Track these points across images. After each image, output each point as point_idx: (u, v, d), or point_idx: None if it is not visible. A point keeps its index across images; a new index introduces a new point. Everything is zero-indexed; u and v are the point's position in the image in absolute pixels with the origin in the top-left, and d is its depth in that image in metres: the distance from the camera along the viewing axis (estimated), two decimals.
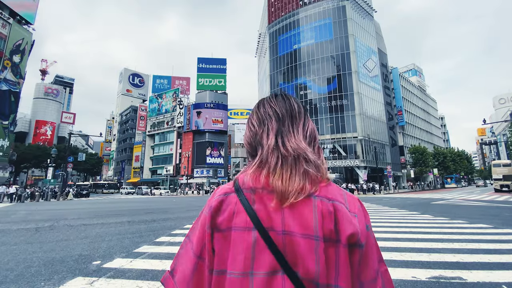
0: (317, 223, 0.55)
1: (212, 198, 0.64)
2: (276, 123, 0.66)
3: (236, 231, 0.58)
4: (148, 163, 66.30)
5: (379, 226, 7.43)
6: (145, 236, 6.35)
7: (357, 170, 43.19)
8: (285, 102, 0.70)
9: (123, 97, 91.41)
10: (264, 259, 0.55)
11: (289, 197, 0.57)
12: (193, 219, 9.10)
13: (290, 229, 0.55)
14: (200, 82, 64.39)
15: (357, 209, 0.61)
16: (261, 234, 0.56)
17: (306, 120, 0.70)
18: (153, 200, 24.50)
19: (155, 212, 11.87)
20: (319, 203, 0.58)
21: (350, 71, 46.95)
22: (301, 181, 0.58)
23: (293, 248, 0.54)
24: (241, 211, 0.59)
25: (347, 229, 0.55)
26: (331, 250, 0.55)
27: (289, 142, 0.63)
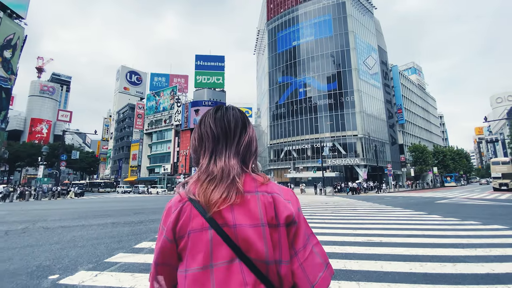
0: (262, 212, 0.69)
1: (169, 213, 0.73)
2: (211, 143, 0.78)
3: (194, 233, 0.68)
4: (145, 162, 65.45)
5: (386, 228, 6.74)
6: (125, 241, 5.62)
7: (357, 168, 42.56)
8: (223, 119, 0.79)
9: (120, 95, 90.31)
10: (221, 251, 0.66)
11: (212, 207, 0.69)
12: None
13: (240, 222, 0.67)
14: (198, 79, 63.50)
15: (290, 196, 0.76)
16: (216, 231, 0.67)
17: (242, 135, 0.80)
18: (148, 199, 23.76)
19: (145, 213, 11.13)
20: (262, 196, 0.71)
21: (350, 68, 46.23)
22: (224, 193, 0.70)
23: (244, 237, 0.66)
24: (196, 215, 0.69)
25: (284, 212, 0.70)
26: (274, 232, 0.68)
27: (220, 160, 0.75)
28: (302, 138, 46.86)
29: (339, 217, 9.24)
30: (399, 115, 60.93)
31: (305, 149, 46.38)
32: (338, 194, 31.61)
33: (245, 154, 0.79)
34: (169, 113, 61.93)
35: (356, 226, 7.18)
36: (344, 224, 7.49)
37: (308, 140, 46.22)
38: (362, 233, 6.18)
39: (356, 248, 4.68)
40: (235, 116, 0.81)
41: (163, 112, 63.80)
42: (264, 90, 58.79)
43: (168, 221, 0.71)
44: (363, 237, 5.71)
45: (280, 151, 49.92)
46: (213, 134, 0.78)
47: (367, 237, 5.71)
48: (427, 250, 4.56)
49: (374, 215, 9.51)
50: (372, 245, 4.99)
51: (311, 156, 45.33)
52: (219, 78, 64.28)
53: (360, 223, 7.73)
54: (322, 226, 7.16)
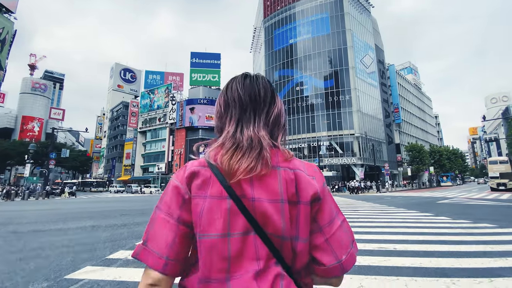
0: (282, 188, 0.65)
1: (184, 169, 0.70)
2: (238, 110, 0.73)
3: (212, 199, 0.64)
4: (139, 161, 64.26)
5: (396, 232, 6.06)
6: (99, 249, 4.85)
7: (354, 168, 42.12)
8: (252, 87, 0.74)
9: (114, 92, 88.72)
10: (238, 222, 0.63)
11: (234, 175, 0.65)
12: None
13: (259, 195, 0.64)
14: (193, 77, 62.51)
15: (314, 172, 0.71)
16: (235, 202, 0.64)
17: (271, 106, 0.75)
18: (139, 200, 22.89)
19: (131, 214, 10.33)
20: (283, 172, 0.67)
21: (347, 66, 45.75)
22: (252, 163, 0.66)
23: (262, 212, 0.64)
24: (216, 182, 0.66)
25: (309, 190, 0.66)
26: (293, 209, 0.65)
27: (247, 130, 0.71)
28: (299, 137, 46.27)
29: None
30: (395, 114, 60.76)
31: (302, 148, 45.80)
32: (335, 193, 31.07)
33: (274, 127, 0.75)
34: (164, 111, 60.82)
35: (363, 230, 6.50)
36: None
37: (304, 139, 45.65)
38: (372, 238, 5.50)
39: (370, 259, 3.99)
40: (265, 85, 0.76)
41: (157, 110, 62.66)
42: None
43: (183, 176, 0.68)
44: (374, 243, 5.02)
45: None
46: (241, 101, 0.73)
47: (378, 243, 5.03)
48: (451, 261, 3.89)
49: (378, 217, 8.86)
50: (386, 254, 4.31)
51: (308, 155, 44.75)
52: (215, 76, 63.36)
53: (366, 226, 7.05)
54: None
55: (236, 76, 0.78)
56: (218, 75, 63.79)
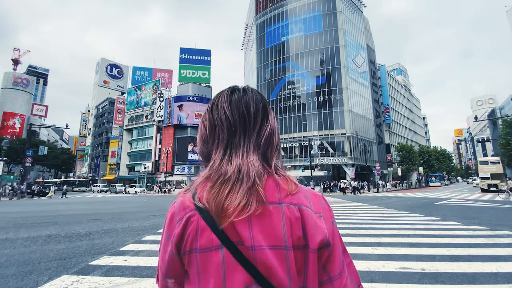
0: (286, 232, 0.54)
1: (173, 220, 0.59)
2: (226, 133, 0.62)
3: (203, 253, 0.54)
4: (125, 159, 61.94)
5: (411, 244, 5.10)
6: (37, 271, 3.65)
7: (345, 167, 41.68)
8: (241, 103, 0.63)
9: (99, 88, 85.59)
10: (237, 276, 0.53)
11: (225, 217, 0.54)
12: (147, 232, 6.45)
13: (260, 243, 0.53)
14: (183, 73, 60.73)
15: (321, 207, 0.61)
16: (230, 251, 0.53)
17: (263, 124, 0.64)
18: (121, 201, 21.38)
19: (103, 220, 9.03)
20: (286, 210, 0.56)
21: (339, 65, 45.27)
22: (243, 199, 0.55)
23: (264, 262, 0.53)
24: (205, 230, 0.55)
25: (316, 236, 0.55)
26: (300, 256, 0.55)
27: (237, 156, 0.60)
28: (290, 136, 45.48)
29: (343, 224, 7.59)
30: (386, 114, 60.94)
31: (293, 147, 45.03)
32: (326, 194, 30.36)
33: (267, 149, 0.64)
34: (151, 108, 58.79)
35: (372, 240, 5.51)
36: (354, 237, 5.81)
37: (296, 138, 44.90)
38: (387, 253, 4.49)
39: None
40: (255, 100, 0.65)
41: (144, 107, 60.54)
42: (252, 86, 56.81)
43: (172, 233, 0.58)
44: (394, 262, 4.01)
45: None
46: (229, 123, 0.62)
47: (399, 261, 4.02)
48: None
49: (382, 222, 7.93)
50: (418, 279, 3.30)
51: (299, 155, 44.04)
52: (204, 73, 61.78)
53: (373, 234, 6.07)
54: None
55: (222, 91, 0.67)
56: (208, 72, 62.24)
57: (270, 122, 0.65)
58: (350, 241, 5.34)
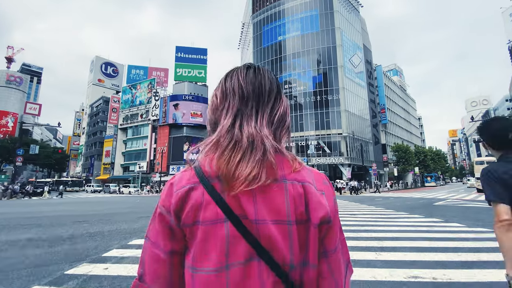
0: (289, 207, 0.55)
1: (171, 190, 0.57)
2: (238, 102, 0.61)
3: (206, 226, 0.54)
4: (119, 159, 61.09)
5: (418, 248, 4.79)
6: (4, 282, 3.25)
7: (341, 167, 41.53)
8: (256, 78, 0.63)
9: (94, 87, 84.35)
10: (239, 248, 0.53)
11: (235, 185, 0.53)
12: (135, 235, 6.04)
13: (263, 217, 0.54)
14: (178, 72, 60.08)
15: (324, 185, 0.61)
16: (234, 224, 0.53)
17: (276, 102, 0.64)
18: (113, 201, 20.85)
19: (90, 221, 8.59)
20: (290, 186, 0.56)
21: (336, 65, 45.12)
22: (254, 169, 0.54)
23: (267, 236, 0.53)
24: (210, 203, 0.54)
25: (319, 212, 0.56)
26: (303, 230, 0.55)
27: (248, 126, 0.59)
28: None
29: (343, 226, 7.23)
30: (382, 115, 61.04)
31: (289, 147, 44.46)
32: None
33: (278, 127, 0.63)
34: (146, 107, 58.05)
35: (374, 244, 5.18)
36: (355, 240, 5.48)
37: (292, 138, 42.92)
38: (392, 259, 4.17)
39: None
40: (271, 78, 0.65)
41: (139, 106, 59.77)
42: None
43: (170, 202, 0.56)
44: (401, 269, 3.67)
45: None
46: (242, 92, 0.61)
47: (407, 269, 3.69)
48: None
49: (382, 223, 7.63)
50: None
51: (296, 155, 43.52)
52: (201, 72, 61.20)
53: (376, 237, 5.75)
54: None
55: (237, 67, 0.66)
56: (204, 70, 61.68)
57: (283, 102, 0.65)
58: (351, 245, 5.01)
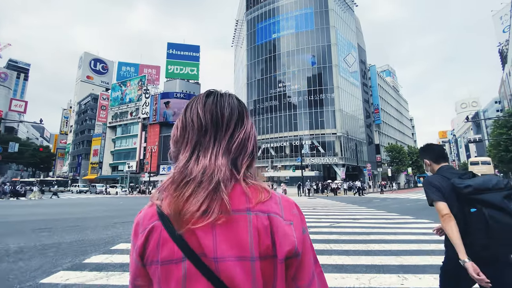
0: (253, 241, 0.52)
1: (137, 231, 0.57)
2: (196, 134, 0.60)
3: (164, 265, 0.52)
4: (108, 158, 59.16)
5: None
6: None
7: (335, 168, 40.87)
8: (216, 106, 0.61)
9: (82, 84, 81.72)
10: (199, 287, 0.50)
11: (183, 223, 0.51)
12: (99, 248, 4.92)
13: (223, 254, 0.51)
14: (170, 69, 58.57)
15: (292, 215, 0.58)
16: (193, 263, 0.51)
17: (237, 129, 0.61)
18: (94, 202, 19.50)
19: (54, 228, 7.39)
20: (254, 218, 0.53)
21: (330, 64, 44.48)
22: (204, 204, 0.52)
23: (228, 274, 0.50)
24: (168, 240, 0.52)
25: (284, 246, 0.53)
26: (267, 266, 0.52)
27: (204, 158, 0.57)
28: (281, 135, 44.33)
29: (347, 234, 6.28)
30: (376, 115, 60.84)
31: (284, 147, 43.89)
32: (317, 195, 29.31)
33: (238, 155, 0.60)
34: (136, 105, 56.36)
35: (389, 260, 4.22)
36: (366, 255, 4.51)
37: (286, 138, 43.78)
38: (422, 286, 3.19)
39: None
40: (231, 104, 0.63)
41: (129, 103, 58.01)
42: (241, 84, 55.43)
43: (135, 244, 0.56)
44: None
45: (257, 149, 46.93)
46: (200, 123, 0.60)
47: None
48: None
49: (390, 230, 6.71)
50: None
51: (289, 155, 42.95)
52: (193, 69, 59.81)
53: (388, 250, 4.79)
54: (335, 263, 4.11)
55: (199, 94, 0.65)
56: (196, 68, 60.31)
57: (246, 128, 0.62)
58: (363, 264, 4.03)
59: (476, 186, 1.52)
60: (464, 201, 1.56)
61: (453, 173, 1.71)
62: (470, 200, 1.53)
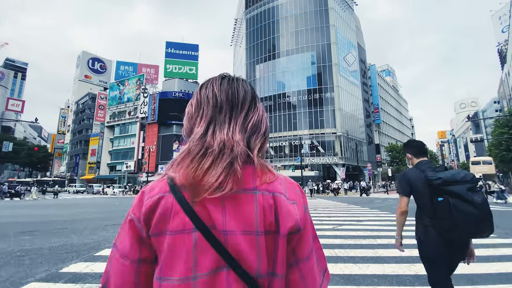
0: (258, 218, 0.55)
1: (142, 198, 0.58)
2: (211, 110, 0.62)
3: (174, 235, 0.54)
4: (106, 158, 58.62)
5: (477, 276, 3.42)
6: None
7: (335, 167, 40.49)
8: (230, 87, 0.64)
9: (80, 83, 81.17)
10: (207, 258, 0.53)
11: (201, 192, 0.54)
12: (80, 255, 4.48)
13: (231, 227, 0.54)
14: (168, 68, 58.07)
15: (295, 194, 0.62)
16: (203, 234, 0.53)
17: (250, 110, 0.64)
18: (87, 203, 19.06)
19: (39, 231, 6.94)
20: (260, 197, 0.57)
21: (330, 63, 44.08)
22: (221, 177, 0.54)
23: (235, 246, 0.54)
24: (179, 212, 0.54)
25: (287, 222, 0.56)
26: (271, 241, 0.56)
27: (221, 132, 0.59)
28: (280, 135, 43.92)
29: (351, 239, 5.86)
30: (376, 114, 60.51)
31: (283, 146, 43.47)
32: (317, 195, 28.88)
33: (252, 134, 0.63)
34: (134, 104, 55.83)
35: (402, 268, 3.80)
36: (378, 263, 4.08)
37: (286, 137, 43.36)
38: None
39: None
40: (245, 87, 0.66)
41: (127, 103, 57.46)
42: None
43: (140, 211, 0.57)
44: None
45: None
46: (215, 100, 0.62)
47: None
48: None
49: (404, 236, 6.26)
50: None
51: (289, 154, 42.54)
52: (192, 68, 59.33)
53: (398, 257, 4.37)
54: (343, 273, 3.68)
55: (213, 77, 0.67)
56: (195, 67, 59.83)
57: (259, 110, 0.66)
58: (373, 273, 3.60)
59: (446, 178, 1.73)
60: (433, 191, 1.76)
61: (428, 167, 1.93)
62: (439, 190, 1.73)
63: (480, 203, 1.63)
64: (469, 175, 1.73)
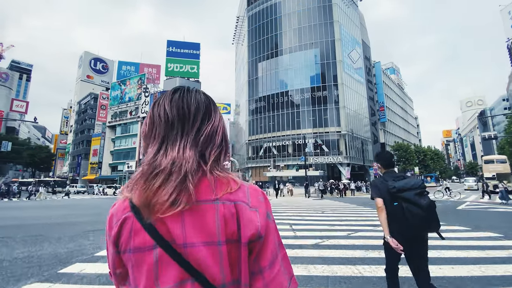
0: (220, 228, 0.56)
1: (111, 221, 0.61)
2: (163, 128, 0.62)
3: (136, 253, 0.56)
4: (107, 158, 58.13)
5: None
6: None
7: (340, 167, 39.42)
8: (182, 101, 0.63)
9: (82, 83, 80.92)
10: (171, 272, 0.54)
11: (153, 212, 0.55)
12: (46, 268, 3.58)
13: (192, 240, 0.55)
14: (170, 67, 57.44)
15: (258, 201, 0.62)
16: (164, 249, 0.54)
17: (204, 122, 0.64)
18: (80, 204, 18.32)
19: (12, 238, 6.10)
20: (221, 207, 0.57)
21: (334, 60, 43.00)
22: (173, 195, 0.55)
23: (196, 258, 0.54)
24: (139, 230, 0.56)
25: (248, 230, 0.57)
26: (234, 250, 0.57)
27: (172, 150, 0.60)
28: (283, 134, 42.93)
29: (372, 250, 4.92)
30: (381, 113, 59.26)
31: (286, 145, 42.47)
32: (326, 196, 27.80)
33: (206, 147, 0.63)
34: (136, 104, 55.25)
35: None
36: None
37: (289, 136, 42.36)
38: None
39: None
40: (198, 99, 0.65)
41: (129, 103, 56.90)
42: (242, 82, 54.09)
43: (110, 234, 0.60)
44: None
45: (259, 148, 45.53)
46: (166, 118, 0.62)
47: None
48: None
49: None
50: None
51: (292, 154, 41.54)
52: (193, 67, 58.64)
53: (441, 277, 3.43)
54: None
55: (167, 91, 0.67)
56: (197, 66, 59.12)
57: (213, 122, 0.65)
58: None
59: (399, 187, 2.10)
60: (392, 197, 2.15)
61: (391, 177, 2.30)
62: (395, 197, 2.11)
63: (424, 205, 1.97)
64: (418, 182, 2.10)
